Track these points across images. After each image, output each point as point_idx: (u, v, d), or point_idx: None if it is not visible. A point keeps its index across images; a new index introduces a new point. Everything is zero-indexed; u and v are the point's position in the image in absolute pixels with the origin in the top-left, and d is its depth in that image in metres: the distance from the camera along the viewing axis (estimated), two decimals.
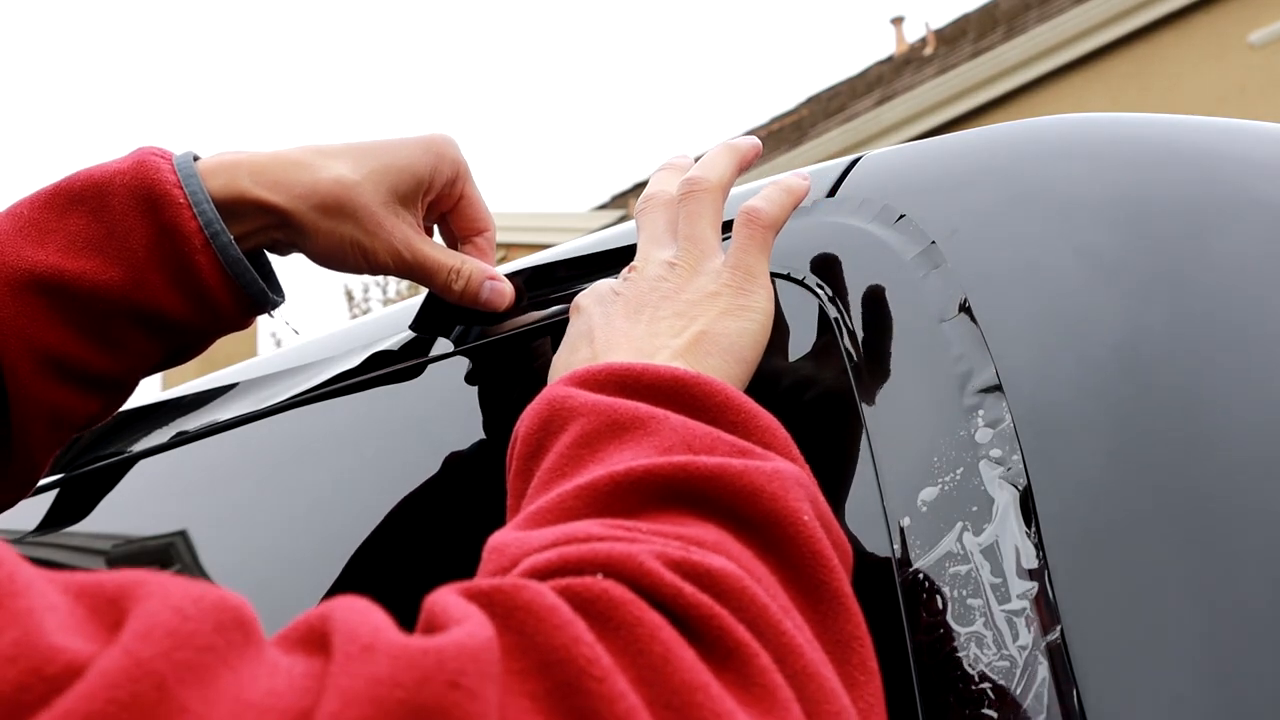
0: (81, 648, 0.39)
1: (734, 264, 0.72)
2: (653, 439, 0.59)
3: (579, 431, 0.60)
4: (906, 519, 0.67)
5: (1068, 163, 0.79)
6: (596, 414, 0.61)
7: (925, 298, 0.73)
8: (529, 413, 0.64)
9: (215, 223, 0.85)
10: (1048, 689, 0.60)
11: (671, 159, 0.84)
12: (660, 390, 0.62)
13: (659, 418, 0.60)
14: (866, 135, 12.12)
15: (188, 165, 0.86)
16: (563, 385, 0.64)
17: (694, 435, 0.59)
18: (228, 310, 0.88)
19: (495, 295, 0.91)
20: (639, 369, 0.63)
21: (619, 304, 0.73)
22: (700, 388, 0.62)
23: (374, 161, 0.88)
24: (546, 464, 0.61)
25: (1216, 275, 0.72)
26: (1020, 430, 0.66)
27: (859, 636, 0.55)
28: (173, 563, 1.14)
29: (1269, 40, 10.14)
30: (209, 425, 1.12)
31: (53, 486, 1.21)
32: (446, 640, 0.43)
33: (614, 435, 0.60)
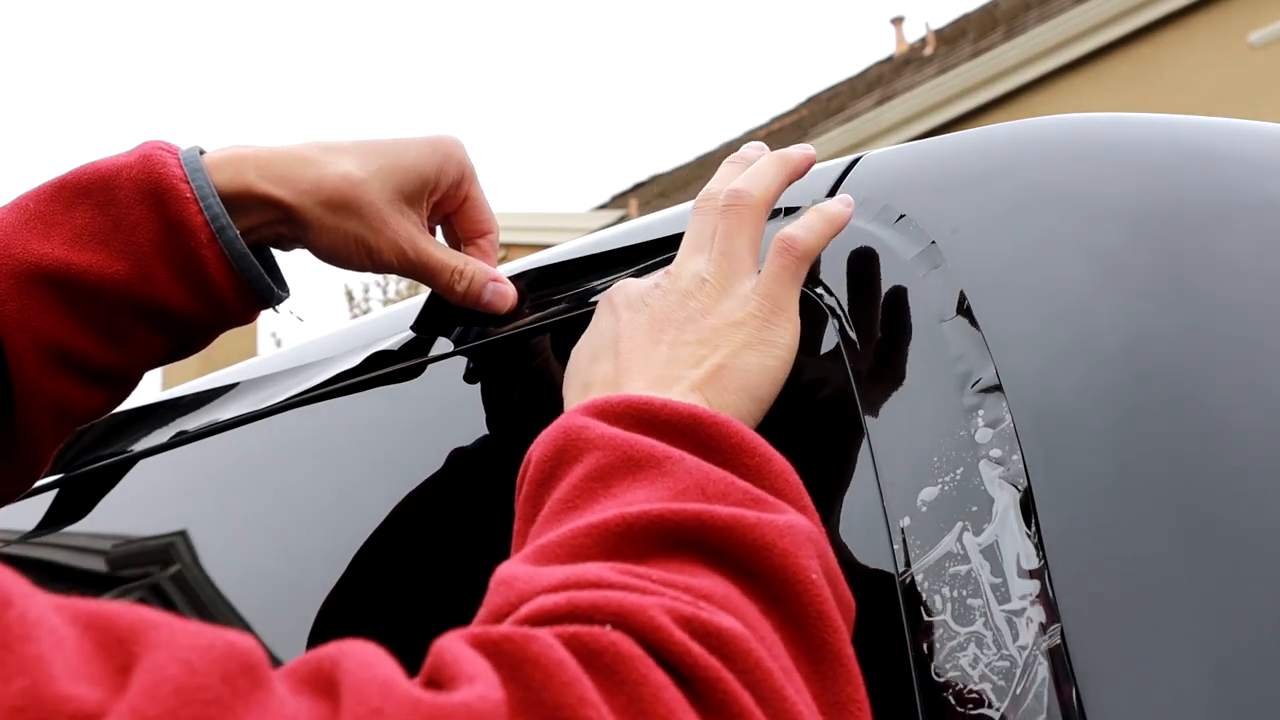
0: (88, 695, 0.39)
1: (764, 293, 0.71)
2: (667, 480, 0.59)
3: (594, 464, 0.60)
4: (906, 519, 0.67)
5: (1069, 163, 0.79)
6: (612, 448, 0.60)
7: (925, 298, 0.73)
8: (544, 439, 0.64)
9: (222, 217, 0.85)
10: (1048, 689, 0.60)
11: (744, 149, 0.81)
12: (677, 428, 0.62)
13: (674, 458, 0.60)
14: (866, 135, 12.12)
15: (194, 160, 0.86)
16: (580, 415, 0.63)
17: (708, 479, 0.59)
18: (233, 304, 0.88)
19: (498, 297, 0.91)
20: (657, 405, 0.63)
21: (645, 316, 0.72)
22: (717, 428, 0.62)
23: (381, 159, 0.88)
24: (558, 494, 0.61)
25: (1218, 276, 0.72)
26: (1020, 430, 0.66)
27: (857, 700, 0.55)
28: (173, 563, 1.14)
29: (1269, 40, 10.14)
30: (209, 425, 1.12)
31: (53, 486, 1.21)
32: (458, 701, 0.43)
33: (628, 472, 0.60)
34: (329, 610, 0.95)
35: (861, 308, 0.76)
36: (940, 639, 0.63)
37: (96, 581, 1.20)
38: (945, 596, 0.64)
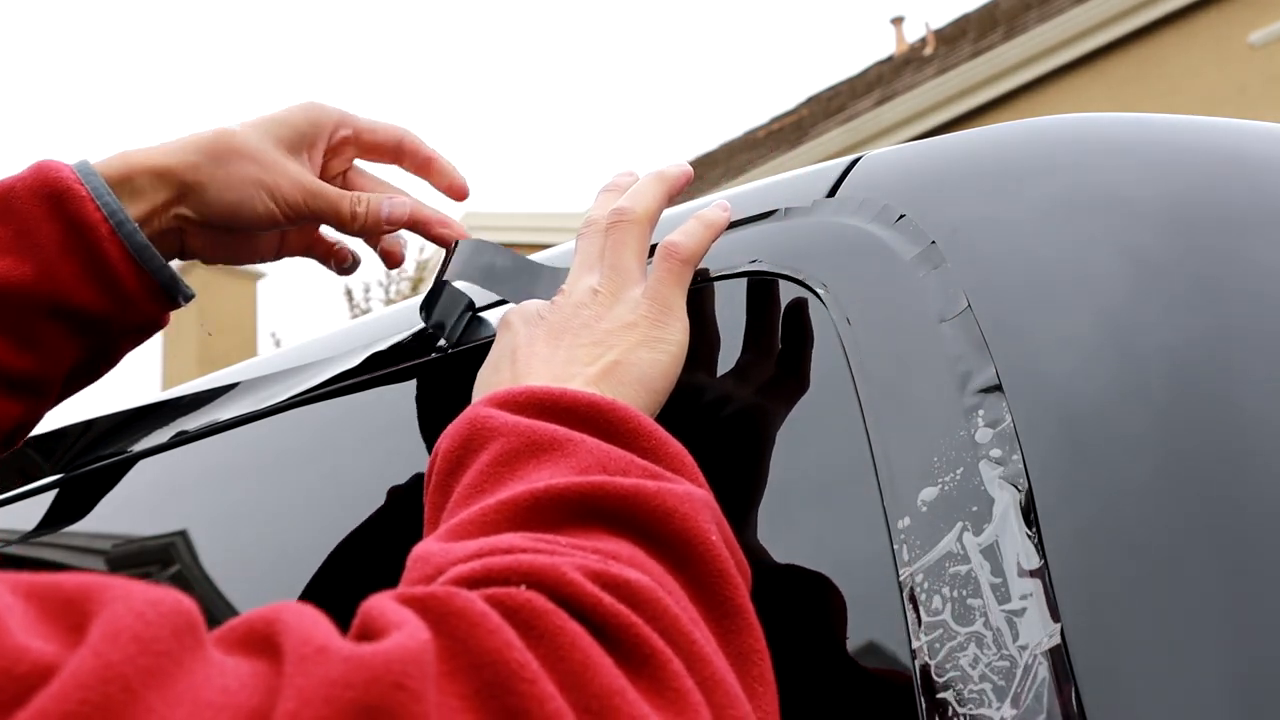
0: (44, 648, 0.41)
1: (652, 296, 0.76)
2: (570, 460, 0.61)
3: (499, 450, 0.63)
4: (906, 519, 0.67)
5: (1069, 162, 0.79)
6: (516, 434, 0.63)
7: (925, 298, 0.73)
8: (450, 431, 0.66)
9: (119, 212, 0.89)
10: (1048, 689, 0.60)
11: (614, 178, 0.86)
12: (577, 414, 0.65)
13: (575, 440, 0.62)
14: (866, 135, 12.12)
15: (85, 166, 0.90)
16: (483, 406, 0.66)
17: (609, 458, 0.61)
18: (139, 297, 0.91)
19: (397, 208, 0.95)
20: (557, 392, 0.66)
21: (543, 328, 0.76)
22: (614, 413, 0.65)
23: (250, 121, 0.93)
24: (466, 480, 0.63)
25: (1219, 272, 0.72)
26: (1020, 430, 0.66)
27: (759, 650, 0.58)
28: (173, 563, 1.14)
29: (1269, 40, 10.14)
30: (209, 425, 1.12)
31: (53, 486, 1.21)
32: (391, 644, 0.45)
33: (532, 455, 0.62)
34: (330, 610, 0.95)
35: (861, 308, 0.76)
36: (940, 639, 0.63)
37: None
38: (945, 596, 0.64)
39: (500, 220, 16.14)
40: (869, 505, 0.69)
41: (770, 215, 0.84)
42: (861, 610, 0.69)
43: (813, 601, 0.72)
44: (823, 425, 0.75)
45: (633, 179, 0.85)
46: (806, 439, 0.76)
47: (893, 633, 0.65)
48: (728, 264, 0.83)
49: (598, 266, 0.78)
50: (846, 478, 0.71)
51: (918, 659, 0.64)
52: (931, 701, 0.63)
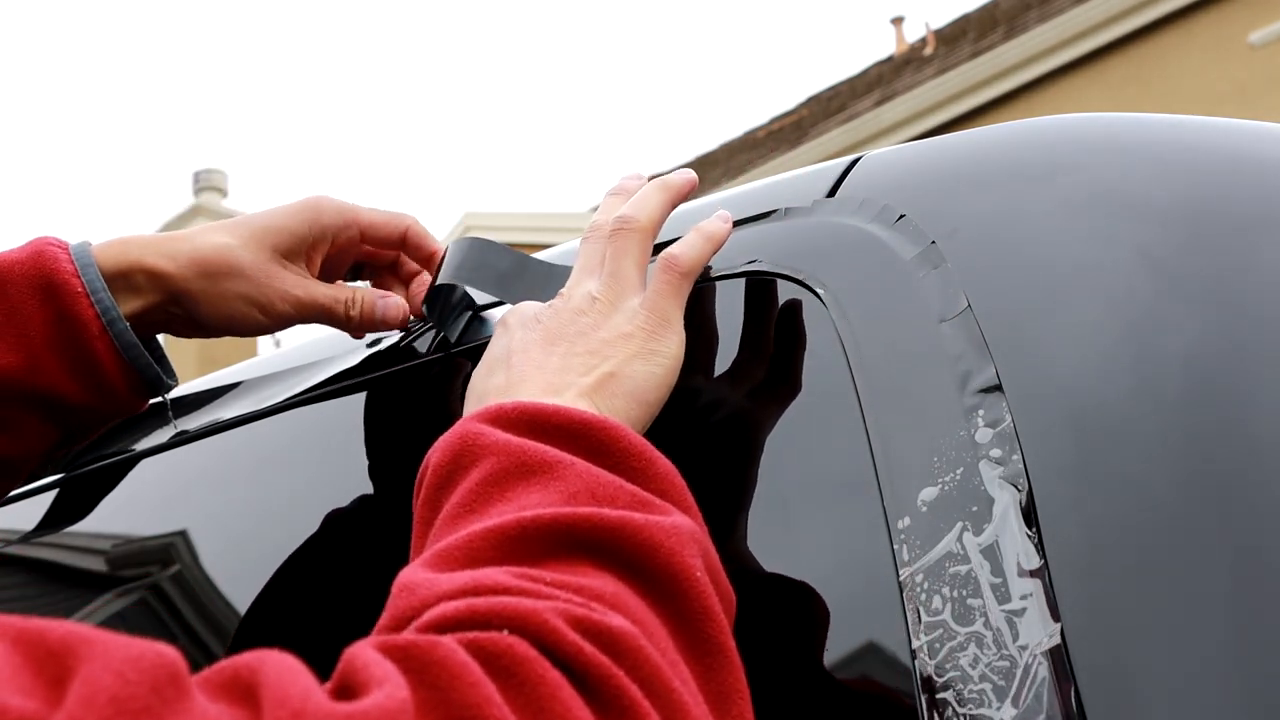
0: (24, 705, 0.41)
1: (650, 307, 0.76)
2: (559, 484, 0.61)
3: (489, 469, 0.63)
4: (906, 519, 0.67)
5: (1070, 162, 0.79)
6: (507, 454, 0.63)
7: (925, 298, 0.73)
8: (441, 445, 0.66)
9: (112, 309, 0.90)
10: (1048, 689, 0.60)
11: (621, 181, 0.86)
12: (568, 432, 0.65)
13: (566, 462, 0.63)
14: (866, 135, 12.12)
15: (84, 254, 0.91)
16: (475, 421, 0.66)
17: (598, 483, 0.61)
18: (123, 393, 0.92)
19: (390, 309, 0.96)
20: (549, 410, 0.66)
21: (539, 332, 0.75)
22: (606, 432, 0.65)
23: (252, 227, 0.94)
24: (455, 498, 0.63)
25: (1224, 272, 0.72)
26: (1020, 430, 0.66)
27: (739, 689, 0.58)
28: (173, 563, 1.14)
29: (1269, 40, 10.14)
30: (209, 425, 1.12)
31: (53, 486, 1.21)
32: (369, 704, 0.46)
33: (522, 476, 0.62)
34: (330, 609, 0.95)
35: (861, 308, 0.76)
36: (940, 639, 0.63)
37: (96, 581, 1.20)
38: (945, 596, 0.64)
39: (500, 220, 16.14)
40: (869, 505, 0.69)
41: (770, 215, 0.84)
42: (861, 610, 0.69)
43: (812, 601, 0.72)
44: (823, 425, 0.75)
45: (640, 182, 0.85)
46: (806, 439, 0.76)
47: (893, 633, 0.65)
48: (728, 264, 0.83)
49: (598, 272, 0.78)
50: (846, 478, 0.71)
51: (918, 659, 0.64)
52: (931, 701, 0.63)
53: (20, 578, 1.26)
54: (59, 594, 1.25)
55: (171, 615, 1.11)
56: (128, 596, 1.17)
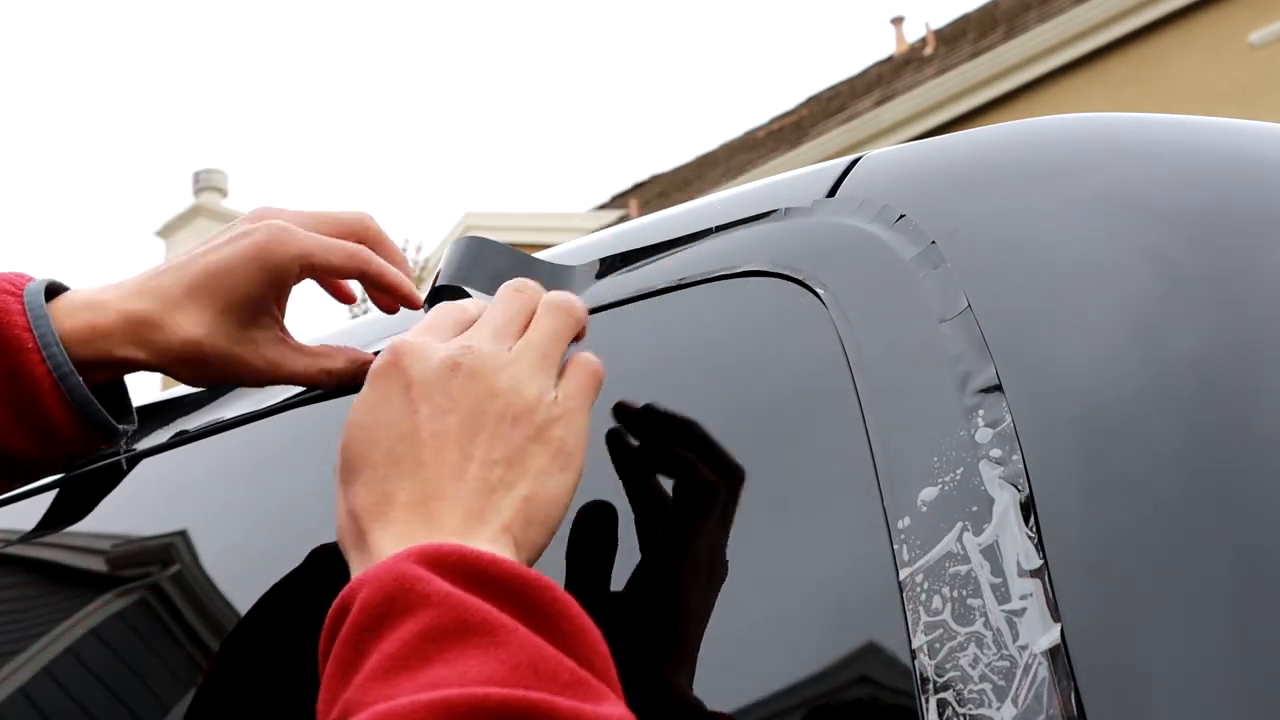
0: None
1: (566, 409, 0.70)
2: (501, 652, 0.59)
3: (428, 624, 0.60)
4: (906, 519, 0.67)
5: (1070, 162, 0.79)
6: (447, 609, 0.60)
7: (925, 298, 0.73)
8: (372, 582, 0.63)
9: (64, 365, 0.88)
10: (1047, 689, 0.60)
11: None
12: (506, 588, 0.62)
13: (508, 628, 0.60)
14: (866, 135, 12.13)
15: (39, 306, 0.89)
16: (411, 563, 0.62)
17: (540, 656, 0.59)
18: (74, 443, 0.92)
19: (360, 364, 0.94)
20: (487, 561, 0.62)
21: (452, 417, 0.68)
22: (541, 594, 0.62)
23: (213, 302, 0.90)
24: (388, 648, 0.60)
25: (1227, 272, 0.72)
26: (1020, 430, 0.66)
27: None
28: (173, 563, 1.14)
29: (1269, 40, 10.14)
30: (209, 425, 1.12)
31: (53, 486, 1.21)
32: None
33: (462, 637, 0.60)
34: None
35: (861, 308, 0.76)
36: (940, 639, 0.63)
37: (96, 581, 1.20)
38: (945, 596, 0.64)
39: (500, 220, 16.14)
40: (869, 505, 0.69)
41: (770, 215, 0.84)
42: (861, 610, 0.69)
43: (812, 601, 0.72)
44: (822, 425, 0.75)
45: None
46: (806, 439, 0.76)
47: (893, 633, 0.65)
48: (728, 264, 0.83)
49: (513, 336, 0.72)
50: (846, 478, 0.71)
51: (918, 659, 0.64)
52: (931, 701, 0.63)
53: (20, 578, 1.26)
54: (59, 594, 1.25)
55: (171, 615, 1.11)
56: (128, 596, 1.17)
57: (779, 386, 0.79)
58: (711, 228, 0.87)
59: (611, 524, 0.79)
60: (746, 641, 0.73)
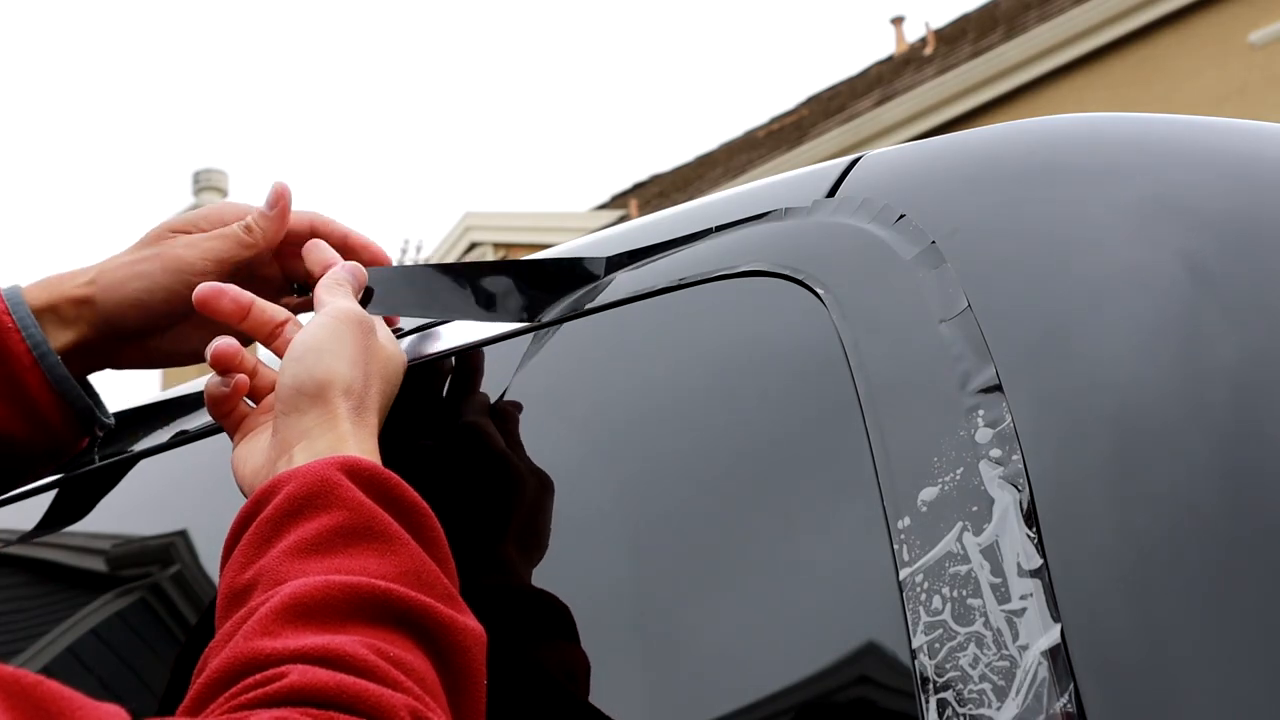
0: None
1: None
2: (395, 558, 0.72)
3: (340, 521, 0.72)
4: (906, 519, 0.67)
5: (1069, 163, 0.79)
6: (358, 514, 0.73)
7: (925, 298, 0.73)
8: (300, 477, 0.74)
9: (43, 344, 0.94)
10: (1047, 689, 0.60)
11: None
12: (404, 510, 0.75)
13: (401, 540, 0.73)
14: (866, 135, 12.12)
15: (15, 294, 0.95)
16: (334, 469, 0.74)
17: (424, 569, 0.72)
18: (57, 426, 0.97)
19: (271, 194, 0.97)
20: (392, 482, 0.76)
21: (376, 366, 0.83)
22: (427, 518, 0.76)
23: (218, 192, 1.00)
24: (305, 533, 0.72)
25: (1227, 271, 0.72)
26: (1020, 430, 0.66)
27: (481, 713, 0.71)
28: (173, 563, 1.14)
29: (1269, 40, 10.14)
30: (209, 425, 1.12)
31: (53, 486, 1.21)
32: None
33: (365, 539, 0.72)
34: None
35: (861, 308, 0.76)
36: (940, 639, 0.63)
37: (96, 581, 1.20)
38: (945, 596, 0.64)
39: (500, 220, 16.14)
40: (869, 505, 0.69)
41: (770, 215, 0.84)
42: (861, 610, 0.69)
43: (812, 601, 0.72)
44: (822, 425, 0.75)
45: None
46: (806, 439, 0.76)
47: (893, 633, 0.65)
48: (728, 264, 0.83)
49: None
50: (846, 478, 0.71)
51: (918, 659, 0.64)
52: (931, 701, 0.63)
53: (20, 578, 1.26)
54: (59, 594, 1.25)
55: (171, 615, 1.11)
56: (128, 596, 1.17)
57: (779, 386, 0.79)
58: (711, 228, 0.87)
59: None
60: (747, 641, 0.73)
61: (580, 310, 0.89)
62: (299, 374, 0.80)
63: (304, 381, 0.80)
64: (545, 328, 0.91)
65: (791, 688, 0.71)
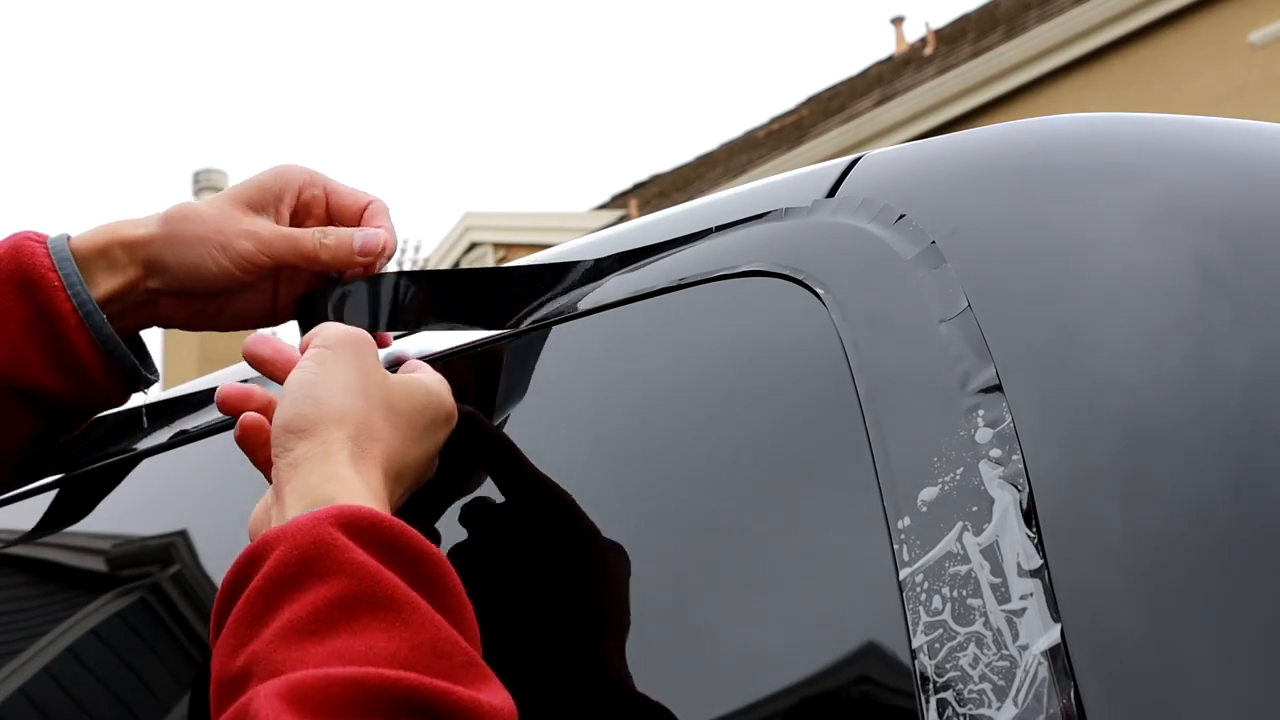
0: None
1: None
2: (405, 629, 0.64)
3: (340, 591, 0.64)
4: (906, 519, 0.67)
5: (1069, 163, 0.79)
6: (360, 580, 0.65)
7: (925, 298, 0.73)
8: (289, 540, 0.66)
9: (89, 302, 0.92)
10: (1047, 689, 0.60)
11: None
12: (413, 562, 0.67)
13: (412, 605, 0.65)
14: (866, 135, 12.12)
15: (62, 249, 0.94)
16: (329, 525, 0.66)
17: (439, 637, 0.64)
18: (103, 384, 0.95)
19: (370, 240, 0.94)
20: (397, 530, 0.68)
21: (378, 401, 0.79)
22: (437, 567, 0.68)
23: (218, 191, 0.97)
24: (300, 609, 0.64)
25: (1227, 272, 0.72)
26: (1020, 430, 0.66)
27: None
28: (173, 563, 1.14)
29: (1269, 40, 10.14)
30: (210, 425, 1.12)
31: (53, 486, 1.21)
32: None
33: (371, 610, 0.64)
34: None
35: (861, 308, 0.76)
36: (940, 639, 0.64)
37: (96, 581, 1.20)
38: (945, 596, 0.64)
39: (500, 220, 16.15)
40: (869, 505, 0.69)
41: (770, 215, 0.84)
42: (861, 610, 0.69)
43: (812, 601, 0.72)
44: (822, 425, 0.75)
45: None
46: (806, 439, 0.76)
47: (893, 633, 0.65)
48: (728, 264, 0.83)
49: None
50: (846, 478, 0.71)
51: (918, 659, 0.64)
52: (931, 701, 0.63)
53: (20, 578, 1.26)
54: (59, 594, 1.25)
55: (171, 615, 1.11)
56: (128, 596, 1.17)
57: (778, 387, 0.79)
58: (711, 228, 0.87)
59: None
60: (747, 641, 0.73)
61: (579, 311, 0.89)
62: (286, 411, 0.76)
63: (292, 419, 0.75)
64: (546, 328, 0.91)
65: (791, 687, 0.71)
